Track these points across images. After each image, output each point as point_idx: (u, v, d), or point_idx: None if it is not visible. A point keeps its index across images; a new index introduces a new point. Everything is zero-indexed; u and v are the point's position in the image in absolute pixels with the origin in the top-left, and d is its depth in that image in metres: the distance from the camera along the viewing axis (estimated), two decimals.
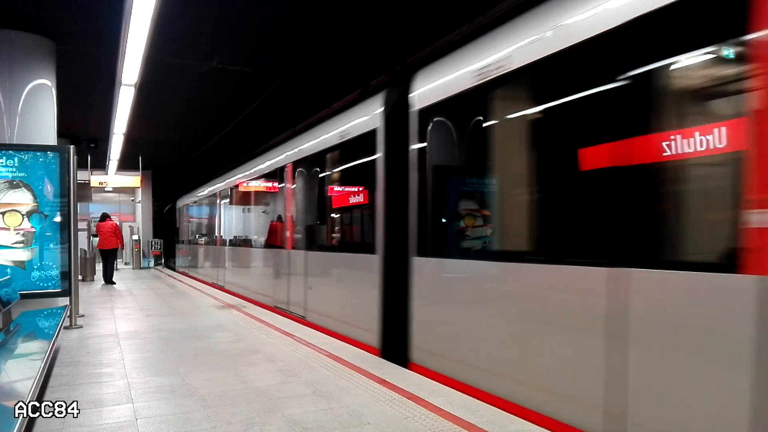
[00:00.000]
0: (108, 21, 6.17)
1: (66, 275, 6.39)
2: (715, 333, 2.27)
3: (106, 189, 20.35)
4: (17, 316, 5.53)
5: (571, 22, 3.07)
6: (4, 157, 6.10)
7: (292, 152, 7.70)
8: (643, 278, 2.58)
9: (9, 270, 6.02)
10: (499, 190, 4.00)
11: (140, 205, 21.50)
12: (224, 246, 12.15)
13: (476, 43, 4.04)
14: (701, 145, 2.41)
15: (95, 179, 15.93)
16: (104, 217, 13.60)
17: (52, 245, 6.31)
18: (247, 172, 10.30)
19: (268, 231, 8.93)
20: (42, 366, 3.31)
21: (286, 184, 7.92)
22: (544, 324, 3.24)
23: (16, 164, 6.15)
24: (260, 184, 9.68)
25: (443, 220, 4.41)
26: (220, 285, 12.13)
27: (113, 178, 17.29)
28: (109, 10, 5.89)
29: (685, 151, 2.47)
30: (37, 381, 3.02)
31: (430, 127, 4.48)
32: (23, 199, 6.18)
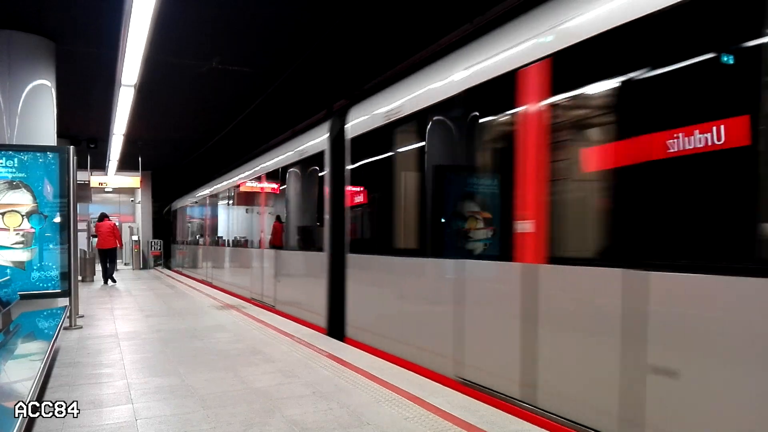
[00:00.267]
0: (108, 21, 6.18)
1: (66, 276, 6.39)
2: (501, 293, 3.61)
3: (106, 189, 20.37)
4: (17, 316, 5.53)
5: (433, 87, 4.41)
6: (4, 158, 6.11)
7: (263, 165, 8.91)
8: (473, 267, 3.92)
9: (9, 270, 6.02)
10: (395, 202, 5.09)
11: (140, 205, 21.51)
12: (211, 246, 13.30)
13: (388, 90, 5.32)
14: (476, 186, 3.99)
15: (95, 180, 15.93)
16: (102, 217, 13.78)
17: (51, 246, 6.31)
18: (229, 181, 11.43)
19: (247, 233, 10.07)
20: (42, 366, 3.31)
21: (261, 193, 9.03)
22: (421, 301, 4.54)
23: (15, 165, 6.15)
24: (239, 192, 10.69)
25: (365, 224, 5.70)
26: (208, 281, 13.10)
27: (113, 178, 17.32)
28: (108, 11, 5.90)
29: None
30: (37, 381, 3.03)
31: (357, 152, 5.67)
32: (23, 199, 6.18)
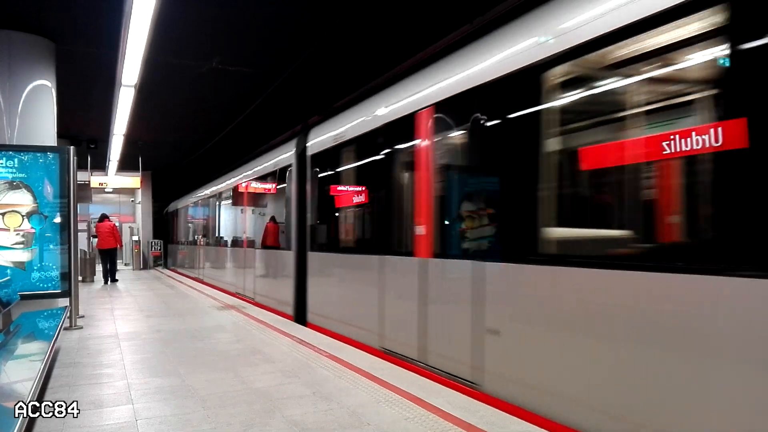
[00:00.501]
0: (108, 21, 6.18)
1: (66, 276, 6.39)
2: (406, 281, 4.60)
3: (106, 190, 20.37)
4: (17, 317, 5.53)
5: (365, 119, 5.50)
6: (4, 158, 6.11)
7: (245, 174, 10.20)
8: (388, 261, 4.90)
9: (9, 271, 6.02)
10: (339, 209, 6.30)
11: (140, 205, 21.51)
12: (201, 246, 14.52)
13: (338, 116, 6.46)
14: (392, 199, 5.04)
15: (95, 180, 15.93)
16: (103, 217, 13.98)
17: (52, 246, 6.31)
18: (215, 188, 12.79)
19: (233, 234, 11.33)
20: (42, 367, 3.31)
21: (243, 200, 10.30)
22: (357, 290, 5.65)
23: (16, 165, 6.15)
24: (225, 198, 12.06)
25: (317, 227, 6.91)
26: (200, 279, 14.01)
27: (113, 178, 17.32)
28: (108, 11, 5.90)
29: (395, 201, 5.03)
30: (37, 382, 3.03)
31: (316, 167, 6.81)
32: (23, 200, 6.18)
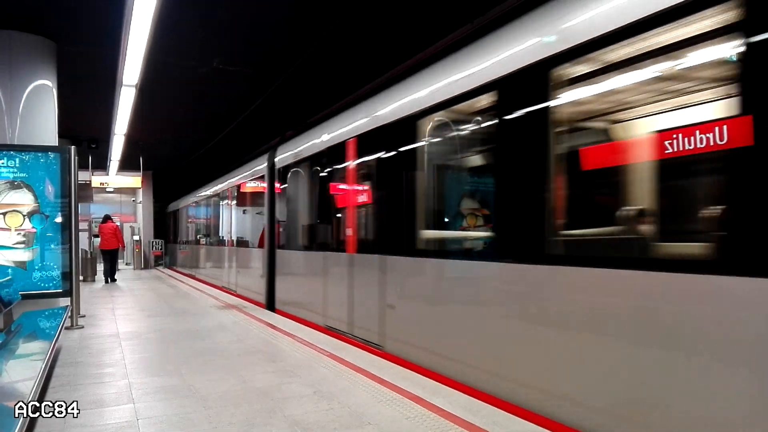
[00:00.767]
0: (109, 22, 6.18)
1: (67, 276, 6.40)
2: (339, 272, 5.84)
3: (107, 189, 20.37)
4: (18, 316, 5.54)
5: (314, 141, 6.87)
6: (5, 158, 6.12)
7: (229, 181, 11.64)
8: (327, 256, 6.32)
9: (10, 270, 6.04)
10: (295, 213, 7.63)
11: (141, 205, 21.52)
12: (194, 245, 15.95)
13: (299, 136, 7.73)
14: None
15: (96, 180, 15.93)
16: (106, 218, 14.13)
17: (53, 246, 6.32)
18: (205, 192, 14.23)
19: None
20: (43, 366, 3.32)
21: (228, 204, 11.80)
22: (308, 280, 7.01)
23: (17, 165, 6.16)
24: (213, 202, 13.45)
25: (282, 229, 8.22)
26: (194, 276, 15.11)
27: (114, 178, 17.32)
28: (109, 11, 5.90)
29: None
30: (38, 381, 3.03)
31: (281, 179, 8.11)
32: (24, 199, 6.19)
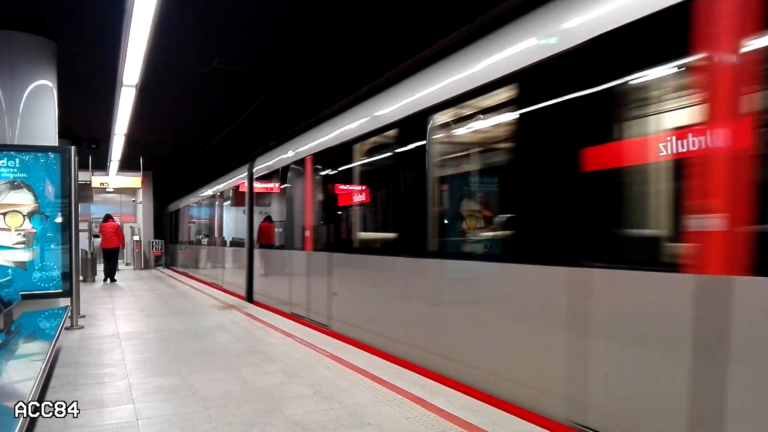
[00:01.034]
0: (109, 22, 6.17)
1: (67, 276, 6.39)
2: (300, 267, 7.10)
3: (107, 190, 20.36)
4: (18, 316, 5.54)
5: (282, 156, 8.05)
6: (6, 158, 6.12)
7: (216, 187, 12.89)
8: (292, 254, 7.47)
9: (10, 271, 6.03)
10: (272, 218, 9.21)
11: (141, 205, 21.51)
12: (188, 245, 17.01)
13: (272, 150, 9.07)
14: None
15: (96, 180, 15.93)
16: (107, 218, 14.24)
17: (53, 246, 6.32)
18: (196, 197, 15.54)
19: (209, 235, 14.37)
20: (43, 366, 3.32)
21: (216, 207, 13.09)
22: (277, 274, 8.29)
23: (17, 165, 6.16)
24: (205, 205, 14.67)
25: (258, 230, 9.52)
26: (188, 274, 16.16)
27: (114, 178, 17.32)
28: (109, 11, 5.89)
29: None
30: (38, 381, 3.03)
31: (256, 185, 9.55)
32: (24, 199, 6.19)
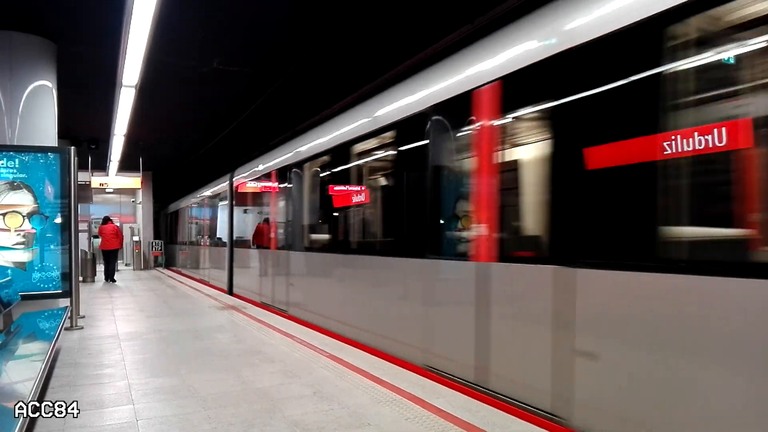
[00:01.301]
0: (108, 22, 6.18)
1: (67, 276, 6.39)
2: (266, 263, 9.01)
3: (107, 190, 20.37)
4: (18, 317, 5.54)
5: (255, 168, 9.85)
6: (5, 159, 6.12)
7: (204, 193, 14.44)
8: (263, 251, 9.23)
9: (10, 271, 6.03)
10: (247, 221, 10.65)
11: (141, 206, 21.51)
12: (181, 245, 18.45)
13: (248, 163, 10.54)
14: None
15: (96, 180, 15.92)
16: (106, 220, 14.33)
17: (52, 246, 6.32)
18: (188, 201, 17.09)
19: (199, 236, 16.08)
20: (43, 367, 3.31)
21: (202, 212, 14.94)
22: (250, 269, 9.96)
23: (16, 165, 6.16)
24: (194, 209, 16.35)
25: (237, 231, 11.23)
26: (181, 272, 17.52)
27: (114, 179, 17.32)
28: (109, 12, 5.90)
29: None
30: (38, 382, 3.03)
31: (239, 193, 10.93)
32: (24, 200, 6.19)
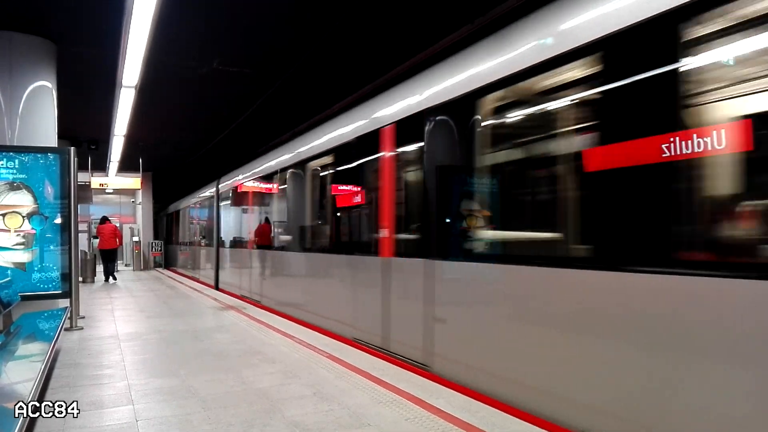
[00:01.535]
0: (108, 23, 6.18)
1: (66, 277, 6.39)
2: (246, 260, 10.26)
3: (107, 191, 20.36)
4: (18, 317, 5.53)
5: (237, 178, 11.08)
6: (5, 159, 6.12)
7: (193, 199, 15.84)
8: (243, 251, 10.57)
9: (9, 272, 6.03)
10: (230, 224, 11.96)
11: (140, 206, 21.51)
12: (177, 245, 19.46)
13: (231, 172, 11.84)
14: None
15: (96, 181, 15.91)
16: (104, 220, 14.44)
17: (52, 247, 6.32)
18: (181, 204, 18.02)
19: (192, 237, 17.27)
20: (42, 367, 3.31)
21: (194, 215, 16.09)
22: (234, 265, 11.32)
23: (16, 166, 6.16)
24: (186, 213, 17.53)
25: (222, 232, 12.36)
26: (176, 271, 18.42)
27: (114, 179, 17.34)
28: (109, 12, 5.90)
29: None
30: (38, 382, 3.03)
31: (223, 198, 12.08)
32: (24, 200, 6.19)
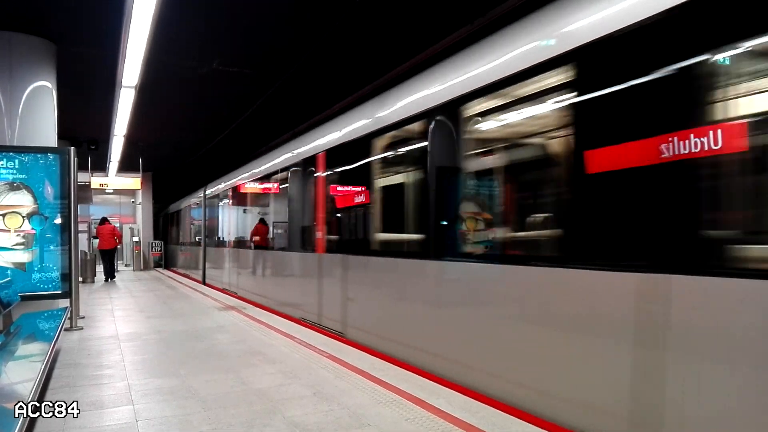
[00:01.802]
0: (108, 23, 6.18)
1: (66, 277, 6.39)
2: (228, 258, 11.99)
3: (107, 191, 20.36)
4: (18, 317, 5.53)
5: (221, 185, 12.52)
6: (5, 159, 6.12)
7: (185, 204, 17.13)
8: (224, 249, 12.34)
9: (9, 272, 6.03)
10: (216, 225, 13.41)
11: (140, 206, 21.51)
12: (174, 245, 20.15)
13: (217, 179, 13.13)
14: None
15: (95, 181, 15.92)
16: (103, 220, 14.69)
17: (52, 247, 6.32)
18: (177, 207, 19.08)
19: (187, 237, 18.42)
20: (42, 368, 3.31)
21: (188, 217, 16.96)
22: (222, 264, 12.32)
23: (16, 166, 6.16)
24: (180, 215, 18.46)
25: (209, 232, 14.03)
26: (174, 270, 18.97)
27: (114, 179, 17.35)
28: (109, 12, 5.90)
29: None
30: (38, 382, 3.03)
31: (208, 203, 13.77)
32: (24, 201, 6.19)
